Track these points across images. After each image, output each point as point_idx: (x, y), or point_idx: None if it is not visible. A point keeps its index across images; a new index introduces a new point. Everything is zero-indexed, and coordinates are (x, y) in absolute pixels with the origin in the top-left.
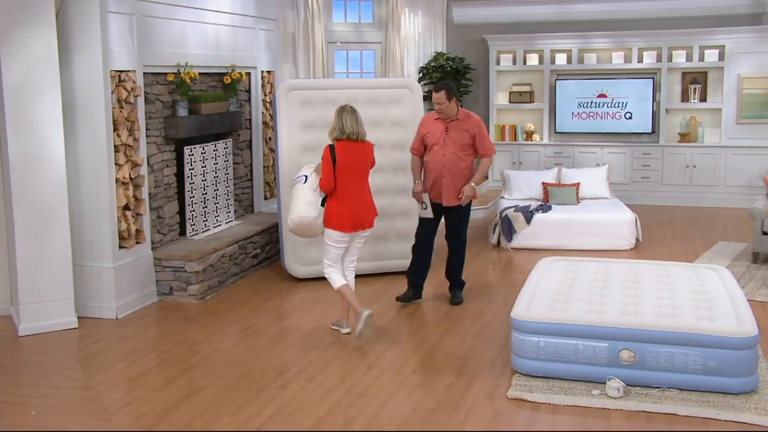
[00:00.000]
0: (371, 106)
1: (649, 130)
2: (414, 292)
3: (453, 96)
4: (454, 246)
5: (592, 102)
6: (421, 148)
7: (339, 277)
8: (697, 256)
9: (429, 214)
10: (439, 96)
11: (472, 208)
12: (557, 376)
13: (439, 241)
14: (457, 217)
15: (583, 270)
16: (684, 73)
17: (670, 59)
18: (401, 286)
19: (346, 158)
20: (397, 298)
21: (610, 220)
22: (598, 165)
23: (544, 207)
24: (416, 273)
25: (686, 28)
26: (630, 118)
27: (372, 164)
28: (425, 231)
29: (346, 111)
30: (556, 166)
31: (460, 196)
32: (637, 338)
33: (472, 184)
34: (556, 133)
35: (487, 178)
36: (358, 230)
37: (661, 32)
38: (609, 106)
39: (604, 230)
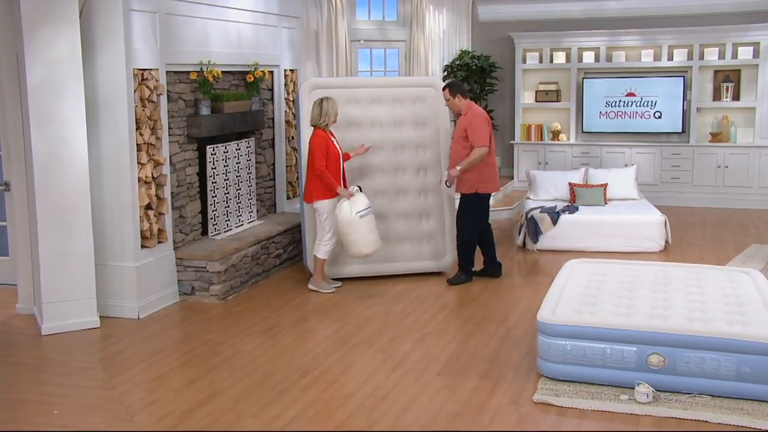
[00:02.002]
0: (395, 105)
1: (679, 130)
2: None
3: (457, 93)
4: (456, 232)
5: (620, 101)
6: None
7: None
8: (729, 259)
9: (448, 192)
10: (444, 93)
11: (491, 207)
12: (584, 381)
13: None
14: (461, 204)
15: (611, 272)
16: (716, 71)
17: (701, 57)
18: (428, 286)
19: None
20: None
21: (639, 222)
22: (626, 165)
23: (571, 208)
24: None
25: (719, 25)
26: (659, 117)
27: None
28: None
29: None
30: (583, 167)
31: (445, 179)
32: (666, 342)
33: (458, 167)
34: (583, 132)
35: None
36: None
37: (693, 29)
38: (638, 105)
39: (632, 232)
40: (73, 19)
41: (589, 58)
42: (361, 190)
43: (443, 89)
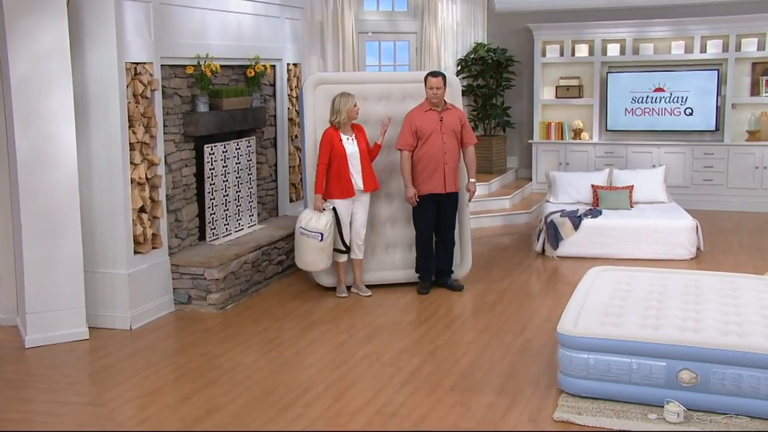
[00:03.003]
0: (405, 101)
1: (713, 128)
2: (430, 282)
3: (446, 84)
4: (449, 236)
5: (648, 97)
6: (415, 144)
7: None
8: (767, 268)
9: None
10: (437, 81)
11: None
12: (609, 398)
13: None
14: (453, 204)
15: (637, 281)
16: (754, 64)
17: (738, 48)
18: (440, 295)
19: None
20: (420, 292)
21: (668, 227)
22: (654, 166)
23: (594, 212)
24: (428, 264)
25: (757, 13)
26: (691, 114)
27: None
28: (430, 226)
29: None
30: (607, 168)
31: (469, 190)
32: (699, 357)
33: (473, 180)
34: (607, 131)
35: None
36: None
37: (728, 18)
38: (667, 101)
39: (660, 238)
40: (61, 9)
41: (614, 50)
42: (335, 214)
43: (436, 76)
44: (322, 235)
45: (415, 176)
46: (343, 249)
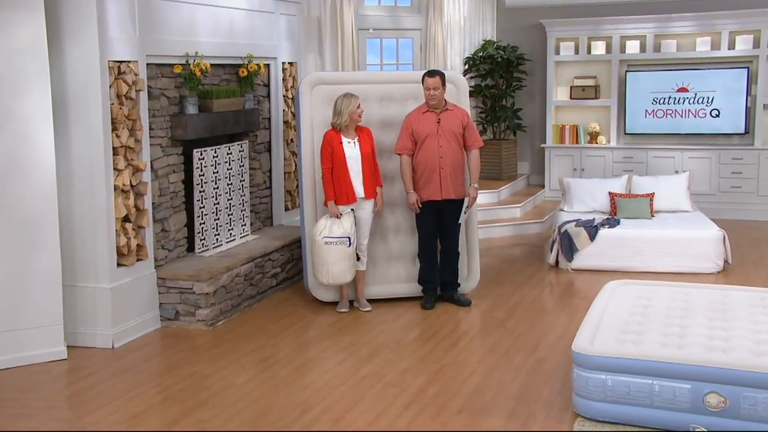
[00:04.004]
0: (408, 102)
1: (742, 131)
2: (435, 296)
3: (445, 84)
4: (451, 245)
5: (670, 97)
6: (413, 147)
7: None
8: None
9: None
10: (435, 81)
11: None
12: (628, 422)
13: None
14: (454, 211)
15: (659, 296)
16: None
17: None
18: (446, 310)
19: None
20: (424, 306)
21: (692, 238)
22: (676, 172)
23: (611, 221)
24: (432, 276)
25: None
26: (717, 116)
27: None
28: (430, 235)
29: None
30: (626, 174)
31: (468, 195)
32: (727, 380)
33: (476, 185)
34: (625, 134)
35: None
36: None
37: (759, 11)
38: (691, 102)
39: (684, 250)
40: (37, 3)
41: (633, 47)
42: (354, 216)
43: (432, 76)
44: (349, 239)
45: (415, 182)
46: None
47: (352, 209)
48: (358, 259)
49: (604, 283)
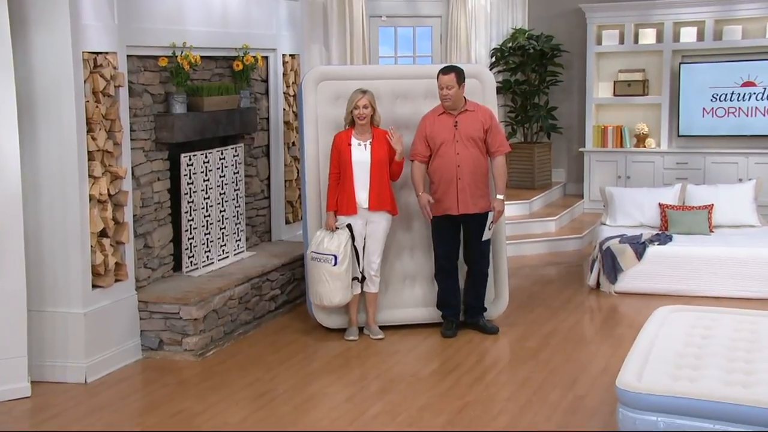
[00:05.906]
0: (428, 100)
1: None
2: (457, 322)
3: (463, 81)
4: (478, 267)
5: (733, 93)
6: (427, 153)
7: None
8: None
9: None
10: (448, 78)
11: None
12: None
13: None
14: (478, 227)
15: (720, 325)
16: None
17: None
18: (470, 338)
19: None
20: (444, 335)
21: (758, 258)
22: (740, 180)
23: (662, 237)
24: (452, 299)
25: None
26: None
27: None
28: (447, 253)
29: None
30: (679, 182)
31: (494, 208)
32: None
33: (501, 196)
34: (679, 136)
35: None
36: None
37: None
38: (758, 98)
39: (748, 271)
40: None
41: (689, 35)
42: (351, 232)
43: (446, 73)
44: (335, 257)
45: (431, 194)
46: (359, 277)
47: (349, 224)
48: (362, 280)
49: (654, 308)
